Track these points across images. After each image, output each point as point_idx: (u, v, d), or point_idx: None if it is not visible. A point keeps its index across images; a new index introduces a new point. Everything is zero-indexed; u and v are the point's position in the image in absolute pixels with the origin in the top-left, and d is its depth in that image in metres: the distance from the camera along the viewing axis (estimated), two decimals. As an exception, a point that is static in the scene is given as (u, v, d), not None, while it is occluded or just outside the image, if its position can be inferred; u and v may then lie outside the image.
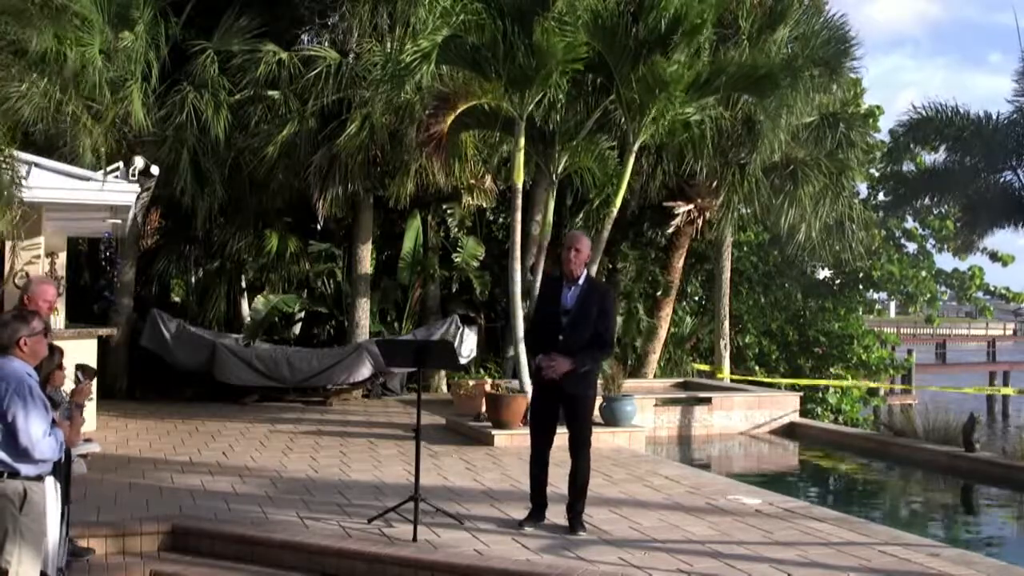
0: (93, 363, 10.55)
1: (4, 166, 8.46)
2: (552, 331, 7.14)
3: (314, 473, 9.33)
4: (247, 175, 14.86)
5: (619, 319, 18.97)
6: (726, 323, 17.74)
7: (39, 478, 4.86)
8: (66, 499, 5.65)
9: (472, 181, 15.19)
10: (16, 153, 9.35)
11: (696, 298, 21.57)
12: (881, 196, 23.72)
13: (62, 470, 5.48)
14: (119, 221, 11.53)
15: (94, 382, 5.57)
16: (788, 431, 14.48)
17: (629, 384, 13.18)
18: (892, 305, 46.87)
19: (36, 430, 4.72)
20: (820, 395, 20.85)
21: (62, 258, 11.51)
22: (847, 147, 16.49)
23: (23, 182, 8.83)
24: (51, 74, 10.53)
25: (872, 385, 21.77)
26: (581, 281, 7.21)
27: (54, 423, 4.93)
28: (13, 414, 4.68)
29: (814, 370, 21.66)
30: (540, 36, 10.95)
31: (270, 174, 14.70)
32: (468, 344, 15.89)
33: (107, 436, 10.98)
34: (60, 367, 5.74)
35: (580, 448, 7.23)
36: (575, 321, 7.10)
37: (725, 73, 12.01)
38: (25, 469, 4.78)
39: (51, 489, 5.10)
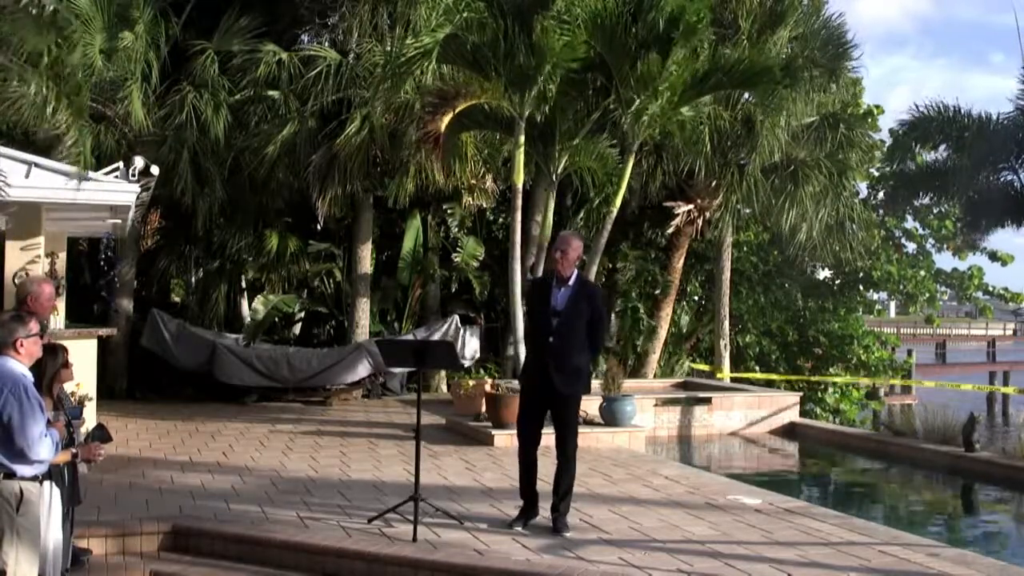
0: (93, 364, 10.62)
1: None
2: (542, 332, 7.08)
3: (314, 473, 9.32)
4: (247, 175, 14.87)
5: (619, 319, 19.02)
6: (726, 323, 17.73)
7: (36, 479, 4.86)
8: (72, 500, 5.64)
9: (472, 181, 15.18)
10: (16, 153, 9.35)
11: (696, 298, 21.56)
12: (881, 196, 23.72)
13: (67, 471, 5.47)
14: (119, 221, 11.53)
15: (105, 447, 5.50)
16: (788, 431, 14.47)
17: (629, 384, 13.16)
18: (892, 305, 46.85)
19: (33, 431, 4.71)
20: (819, 395, 20.84)
21: (62, 258, 11.48)
22: (847, 147, 16.51)
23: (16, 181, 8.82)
24: (53, 76, 10.52)
25: (871, 381, 21.70)
26: (571, 282, 7.13)
27: (49, 423, 4.92)
28: (9, 415, 4.68)
29: (814, 370, 21.65)
30: (539, 35, 10.94)
31: (270, 174, 14.71)
32: (471, 346, 15.91)
33: (107, 436, 10.97)
34: (66, 365, 5.72)
35: (569, 449, 7.18)
36: (566, 322, 7.02)
37: (721, 70, 12.00)
38: (21, 470, 4.78)
39: (48, 491, 5.09)
